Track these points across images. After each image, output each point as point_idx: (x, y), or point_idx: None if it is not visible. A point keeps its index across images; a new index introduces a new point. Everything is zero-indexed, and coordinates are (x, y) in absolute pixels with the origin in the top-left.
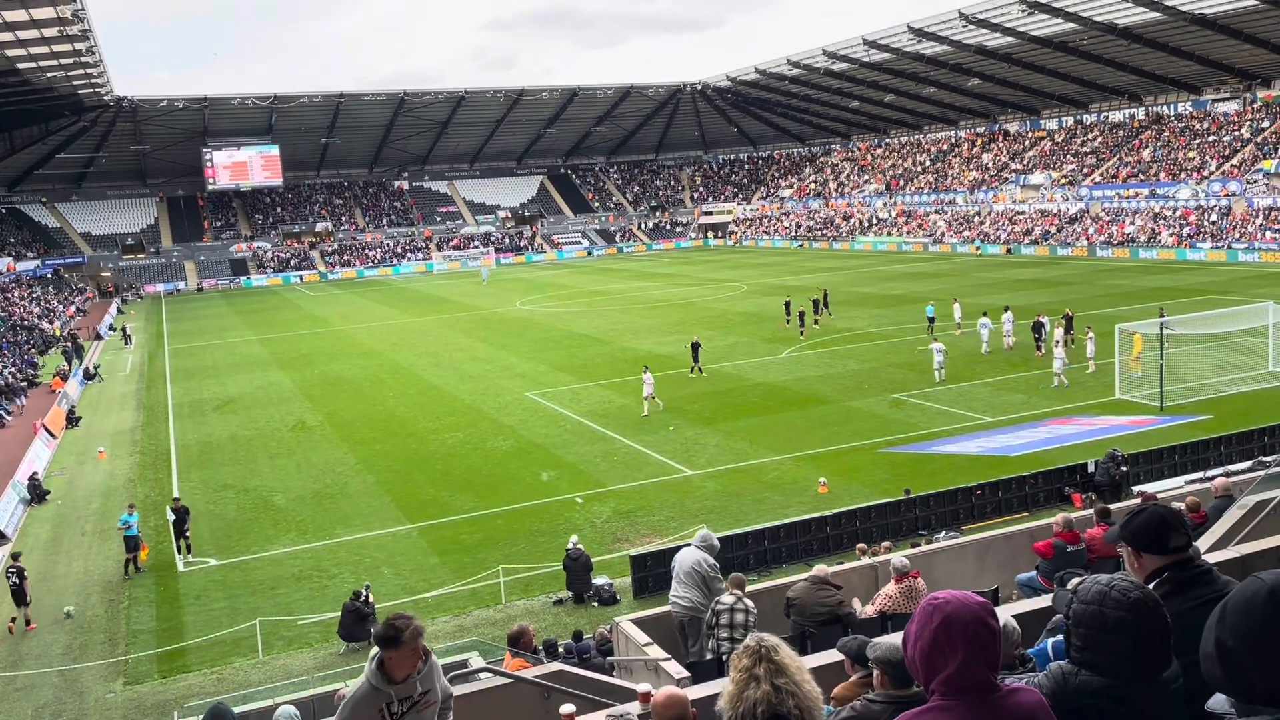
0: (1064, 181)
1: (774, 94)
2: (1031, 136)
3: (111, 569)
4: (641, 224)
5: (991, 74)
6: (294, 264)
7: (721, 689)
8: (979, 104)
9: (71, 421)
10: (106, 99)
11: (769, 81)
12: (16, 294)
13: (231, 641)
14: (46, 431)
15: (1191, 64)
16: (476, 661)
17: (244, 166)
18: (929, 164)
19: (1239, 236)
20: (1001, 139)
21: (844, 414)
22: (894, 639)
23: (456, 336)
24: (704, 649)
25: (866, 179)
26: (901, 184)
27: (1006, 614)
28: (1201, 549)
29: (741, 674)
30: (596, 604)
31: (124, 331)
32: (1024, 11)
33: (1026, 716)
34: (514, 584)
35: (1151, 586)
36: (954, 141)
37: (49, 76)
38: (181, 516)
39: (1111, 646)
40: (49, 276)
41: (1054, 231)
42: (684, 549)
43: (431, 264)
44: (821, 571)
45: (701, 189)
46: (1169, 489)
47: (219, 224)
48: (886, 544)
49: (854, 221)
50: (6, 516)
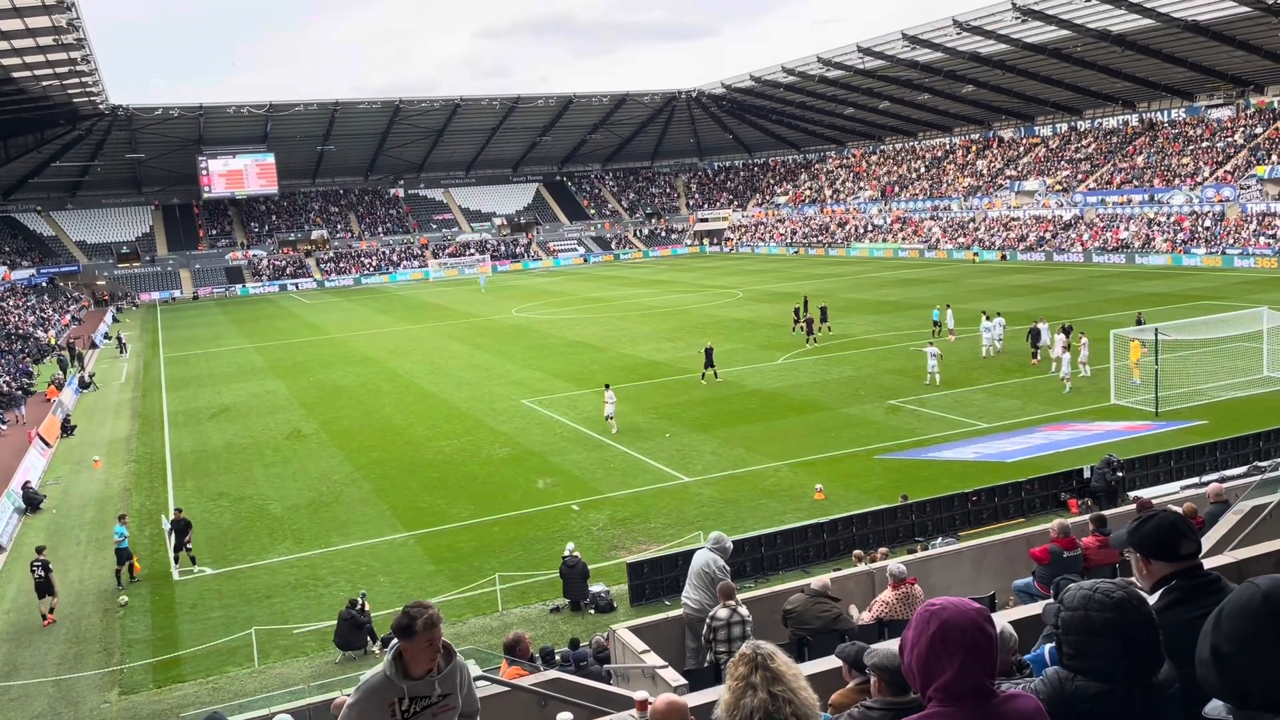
0: (1058, 188)
1: (769, 101)
2: (1026, 143)
3: (106, 578)
4: (637, 231)
5: (986, 81)
6: (290, 272)
7: (719, 696)
8: (973, 111)
9: (66, 430)
10: (102, 108)
11: (764, 89)
12: (11, 303)
13: (227, 650)
14: (41, 440)
15: (1185, 70)
16: (473, 669)
17: (239, 175)
18: (924, 170)
19: (1233, 242)
20: (996, 145)
21: (840, 420)
22: (891, 645)
23: (453, 344)
24: (703, 660)
25: (861, 186)
26: (896, 190)
27: (1003, 620)
28: None
29: (738, 682)
30: (593, 611)
31: (119, 340)
32: (1017, 19)
33: None
34: (510, 592)
35: (1159, 594)
36: (949, 148)
37: (44, 85)
38: (183, 529)
39: (1102, 649)
40: (44, 285)
41: (1049, 237)
42: (698, 550)
43: (429, 271)
44: (821, 584)
45: (697, 196)
46: (1164, 494)
47: (214, 232)
48: (883, 550)
49: (849, 228)
50: (1, 526)
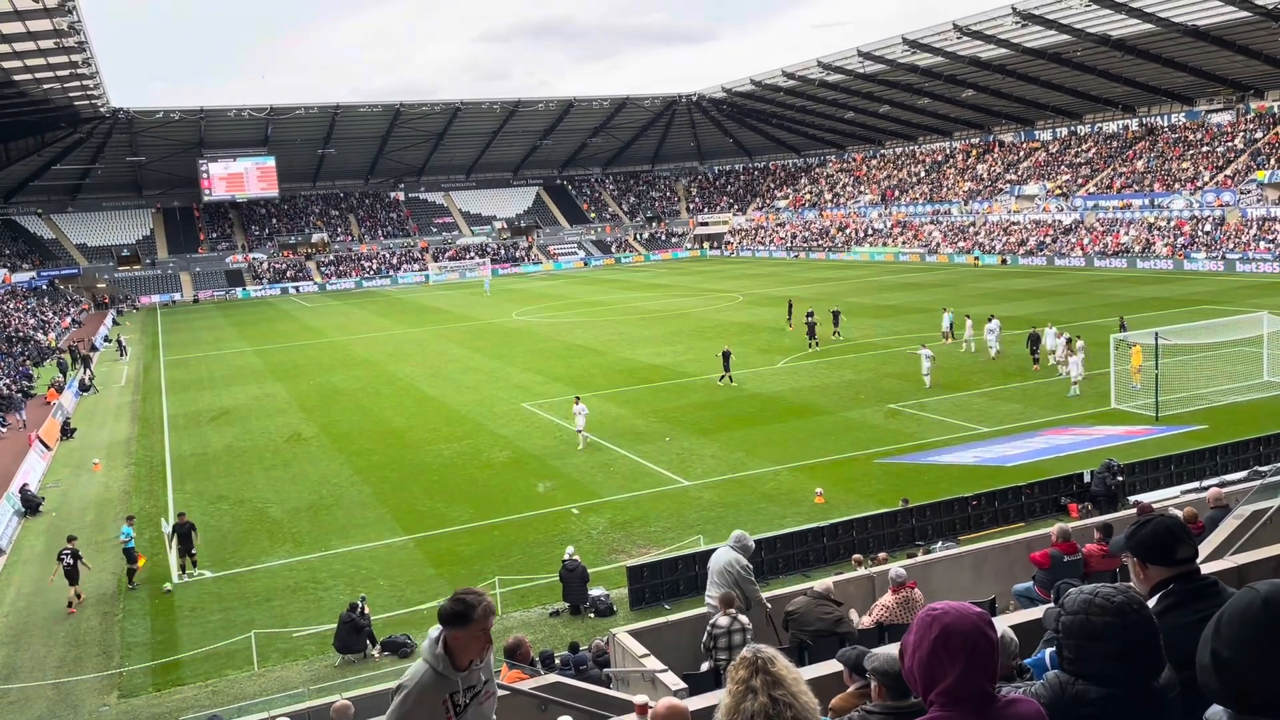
0: (1058, 192)
1: (769, 105)
2: (1026, 147)
3: (106, 581)
4: (637, 235)
5: (986, 85)
6: (290, 275)
7: (719, 700)
8: (973, 115)
9: (66, 433)
10: (102, 110)
11: (764, 93)
12: (12, 305)
13: (226, 654)
14: (41, 443)
15: (1185, 75)
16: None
17: (240, 178)
18: (924, 175)
19: (1233, 247)
20: (996, 150)
21: (840, 424)
22: (891, 650)
23: (453, 347)
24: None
25: (862, 190)
26: (896, 195)
27: (1004, 624)
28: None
29: (738, 685)
30: (593, 615)
31: (119, 343)
32: (1018, 23)
33: None
34: (510, 595)
35: (1157, 598)
36: (949, 152)
37: (45, 88)
38: (186, 533)
39: (1102, 653)
40: (44, 288)
41: (1049, 242)
42: (719, 549)
43: (429, 274)
44: (823, 587)
45: (697, 200)
46: (1165, 499)
47: (215, 235)
48: (884, 554)
49: (849, 232)
50: (0, 529)
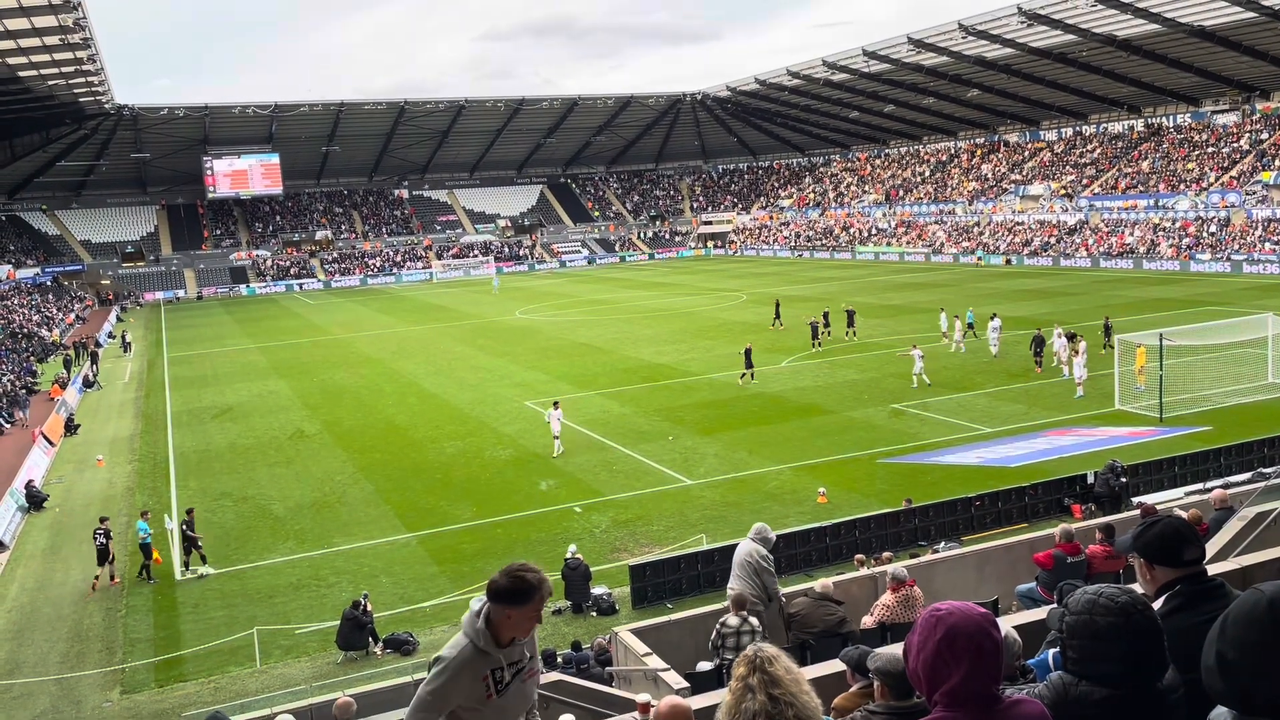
0: (1063, 192)
1: (774, 104)
2: (1031, 147)
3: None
4: (641, 233)
5: (991, 85)
6: (294, 272)
7: (721, 699)
8: (978, 115)
9: (70, 429)
10: (107, 107)
11: (769, 92)
12: (16, 301)
13: (229, 650)
14: (45, 439)
15: (1190, 76)
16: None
17: (244, 175)
18: (928, 174)
19: (1238, 248)
20: (1001, 150)
21: (843, 424)
22: (895, 649)
23: (456, 345)
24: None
25: (866, 189)
26: (901, 194)
27: (1007, 625)
28: None
29: (738, 683)
30: (595, 614)
31: (123, 339)
32: (1023, 23)
33: None
34: None
35: (1163, 600)
36: (953, 152)
37: (50, 84)
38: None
39: (1106, 654)
40: (48, 284)
41: (1053, 242)
42: (741, 542)
43: (434, 272)
44: (822, 587)
45: (701, 199)
46: (1168, 500)
47: (219, 232)
48: (887, 554)
49: (853, 232)
50: (4, 524)
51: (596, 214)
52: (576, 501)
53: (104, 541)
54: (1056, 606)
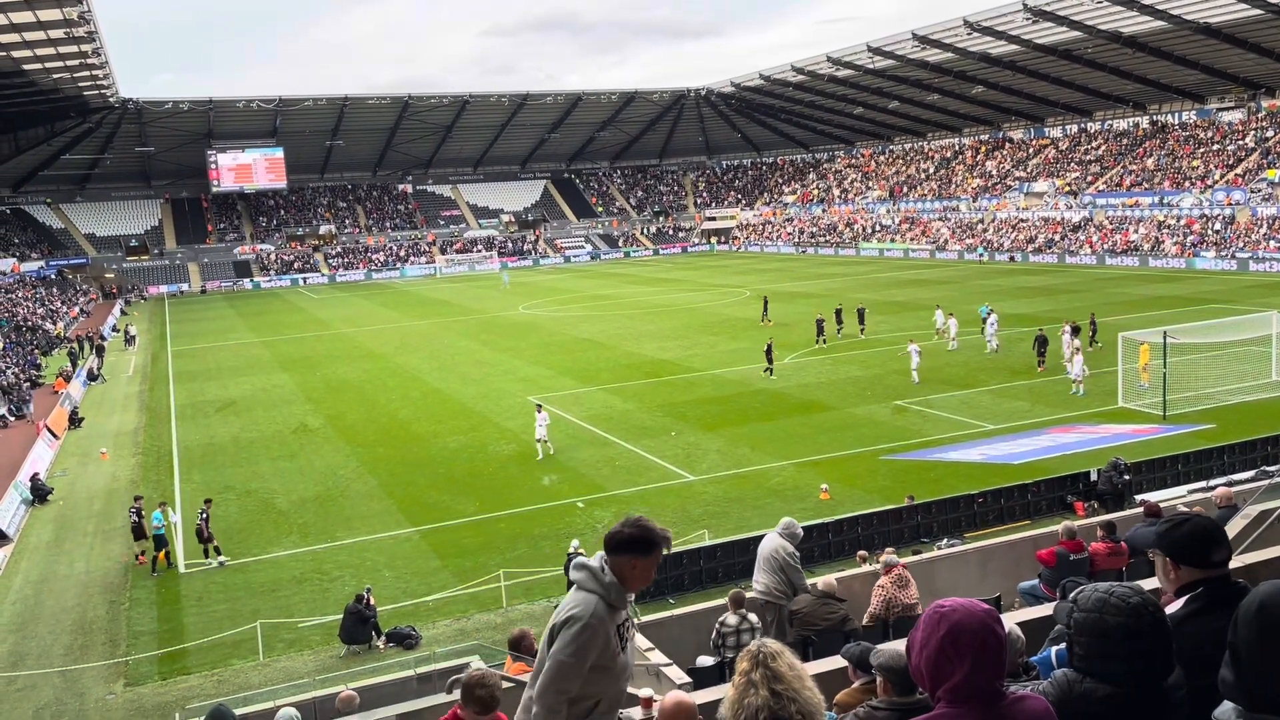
0: (1068, 189)
1: (778, 100)
2: (1035, 144)
3: (113, 570)
4: (644, 229)
5: (996, 81)
6: (297, 267)
7: (723, 695)
8: (983, 111)
9: (74, 422)
10: (112, 101)
11: (773, 87)
12: (20, 295)
13: (232, 643)
14: (49, 432)
15: (1196, 73)
16: (478, 665)
17: (248, 169)
18: (933, 171)
19: (1243, 245)
20: (1005, 146)
21: (846, 420)
22: (896, 646)
23: (459, 340)
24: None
25: (870, 185)
26: (905, 191)
27: (1010, 622)
28: None
29: (740, 679)
30: None
31: (126, 333)
32: (1029, 19)
33: None
34: (515, 588)
35: (1184, 600)
36: (958, 149)
37: (55, 78)
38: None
39: (1113, 652)
40: (53, 277)
41: (1057, 239)
42: (767, 535)
43: (438, 267)
44: (826, 584)
45: (705, 194)
46: (1172, 498)
47: (223, 226)
48: (890, 551)
49: (857, 228)
50: (9, 517)
51: (600, 209)
52: (579, 497)
53: (137, 520)
54: (1065, 602)
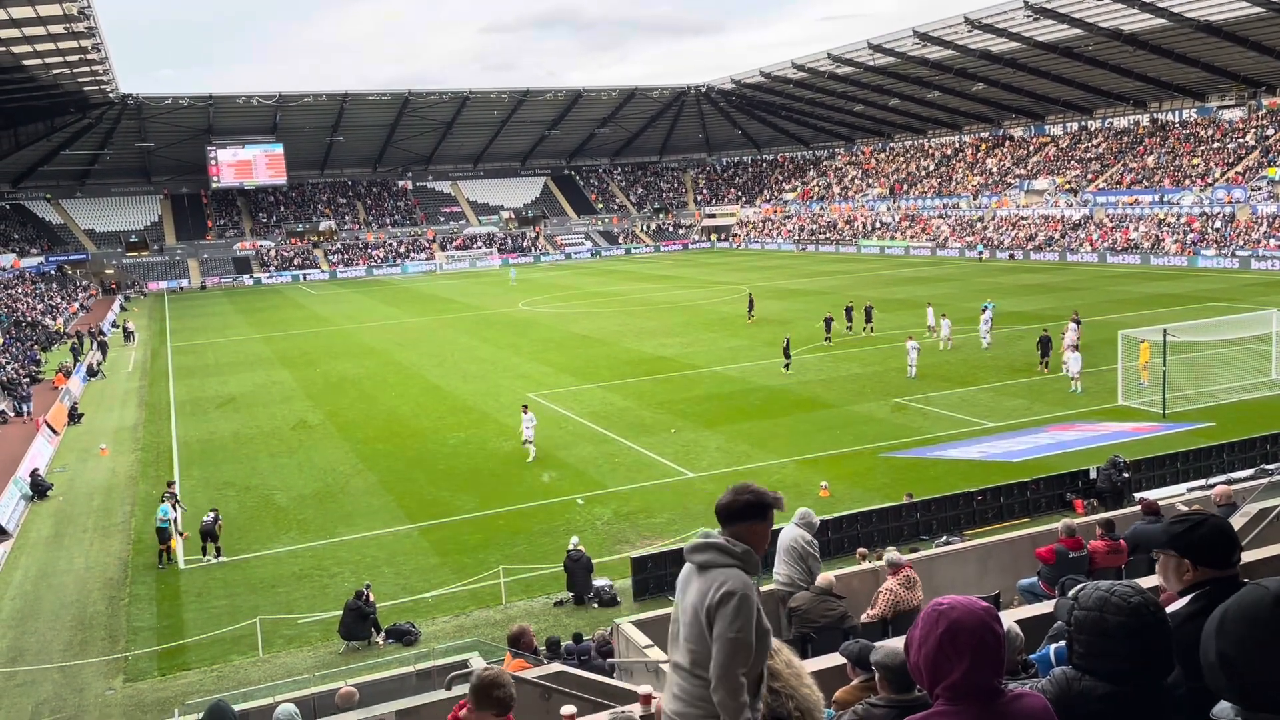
0: (1068, 187)
1: (778, 97)
2: (1036, 142)
3: (113, 565)
4: (644, 226)
5: (996, 79)
6: (297, 263)
7: None
8: (983, 109)
9: (74, 418)
10: (111, 96)
11: (773, 84)
12: (20, 290)
13: (232, 639)
14: (49, 428)
15: (1197, 71)
16: (477, 662)
17: (248, 165)
18: (933, 168)
19: (1243, 244)
20: (1006, 144)
21: (846, 418)
22: (895, 643)
23: (459, 336)
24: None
25: (870, 183)
26: (905, 188)
27: (1009, 619)
28: None
29: None
30: (597, 605)
31: (125, 329)
32: (1029, 17)
33: None
34: (515, 585)
35: (1190, 598)
36: (958, 146)
37: (54, 73)
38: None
39: (1113, 651)
40: (52, 273)
41: (1057, 237)
42: (785, 527)
43: (440, 264)
44: (825, 581)
45: (705, 191)
46: (1171, 496)
47: (223, 222)
48: (890, 548)
49: (857, 225)
50: (8, 512)
51: (600, 206)
52: (579, 493)
53: (173, 503)
54: (1066, 599)
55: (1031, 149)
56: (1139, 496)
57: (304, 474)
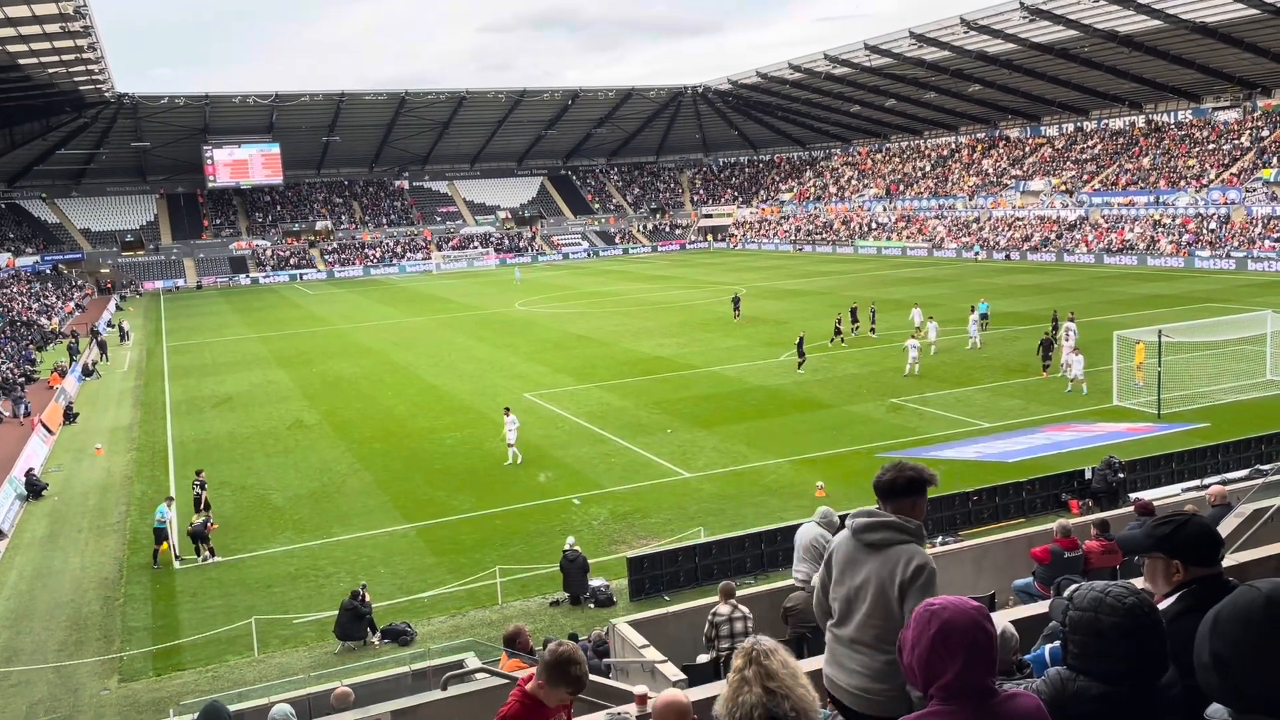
0: (1063, 188)
1: (775, 97)
2: (1032, 143)
3: (108, 565)
4: (641, 226)
5: (992, 80)
6: (294, 262)
7: (719, 692)
8: (979, 110)
9: (69, 418)
10: (107, 95)
11: (770, 85)
12: (15, 290)
13: (227, 639)
14: (44, 427)
15: (1192, 72)
16: (473, 662)
17: (244, 164)
18: (929, 169)
19: (1238, 245)
20: (1002, 145)
21: (842, 418)
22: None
23: (456, 336)
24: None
25: (866, 184)
26: (901, 189)
27: (1004, 619)
28: None
29: (735, 676)
30: (593, 606)
31: (120, 328)
32: (1025, 18)
33: None
34: (511, 585)
35: (1178, 596)
36: (954, 147)
37: (50, 72)
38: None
39: (1108, 652)
40: (48, 272)
41: (1053, 238)
42: (804, 525)
43: (437, 263)
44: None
45: (701, 192)
46: (1165, 496)
47: (219, 222)
48: None
49: (854, 226)
50: (3, 512)
51: (597, 206)
52: (575, 493)
53: (199, 492)
54: (1061, 599)
55: (1027, 150)
56: (1134, 497)
57: (300, 474)
